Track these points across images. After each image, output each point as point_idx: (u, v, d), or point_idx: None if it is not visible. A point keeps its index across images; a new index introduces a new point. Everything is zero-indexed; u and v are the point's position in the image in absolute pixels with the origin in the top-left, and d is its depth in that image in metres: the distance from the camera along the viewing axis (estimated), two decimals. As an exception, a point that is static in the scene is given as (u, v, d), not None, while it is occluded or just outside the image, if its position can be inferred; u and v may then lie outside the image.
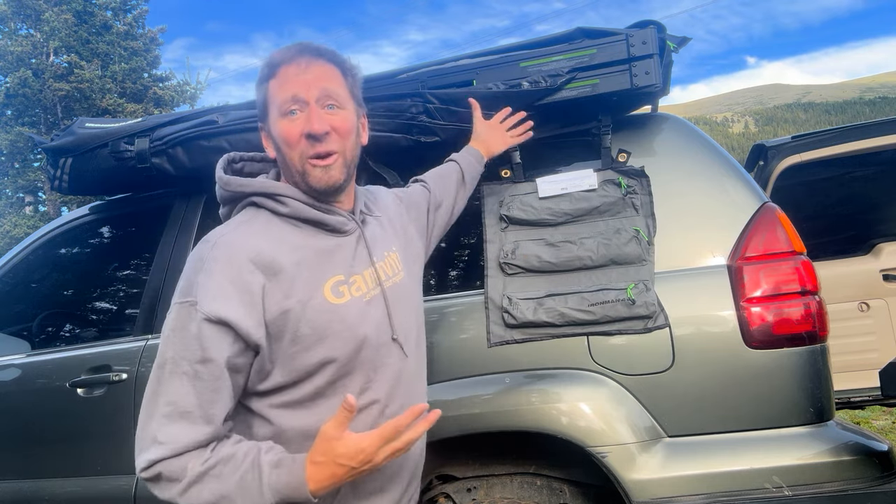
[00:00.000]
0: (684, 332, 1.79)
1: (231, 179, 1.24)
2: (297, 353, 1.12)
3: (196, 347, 1.06)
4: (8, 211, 17.97)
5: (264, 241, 1.14)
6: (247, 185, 1.22)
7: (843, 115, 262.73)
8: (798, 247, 1.81)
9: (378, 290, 1.24)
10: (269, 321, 1.10)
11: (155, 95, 18.34)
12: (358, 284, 1.20)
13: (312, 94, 1.16)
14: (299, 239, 1.19)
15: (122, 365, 2.26)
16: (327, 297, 1.15)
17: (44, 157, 2.63)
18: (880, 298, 3.57)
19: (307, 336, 1.11)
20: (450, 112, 1.96)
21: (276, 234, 1.17)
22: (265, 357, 1.11)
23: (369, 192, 1.47)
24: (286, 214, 1.20)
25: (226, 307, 1.06)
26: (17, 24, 18.03)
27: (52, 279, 2.84)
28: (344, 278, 1.19)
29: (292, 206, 1.19)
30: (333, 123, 1.17)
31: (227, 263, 1.09)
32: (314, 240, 1.20)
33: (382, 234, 1.35)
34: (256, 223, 1.19)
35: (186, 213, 2.42)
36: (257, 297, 1.08)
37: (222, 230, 1.17)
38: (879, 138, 3.55)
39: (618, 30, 1.92)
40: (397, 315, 1.26)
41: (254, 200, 1.22)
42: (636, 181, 1.93)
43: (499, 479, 1.93)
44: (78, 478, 2.31)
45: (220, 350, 1.07)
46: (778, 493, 1.65)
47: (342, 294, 1.17)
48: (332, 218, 1.22)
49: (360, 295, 1.20)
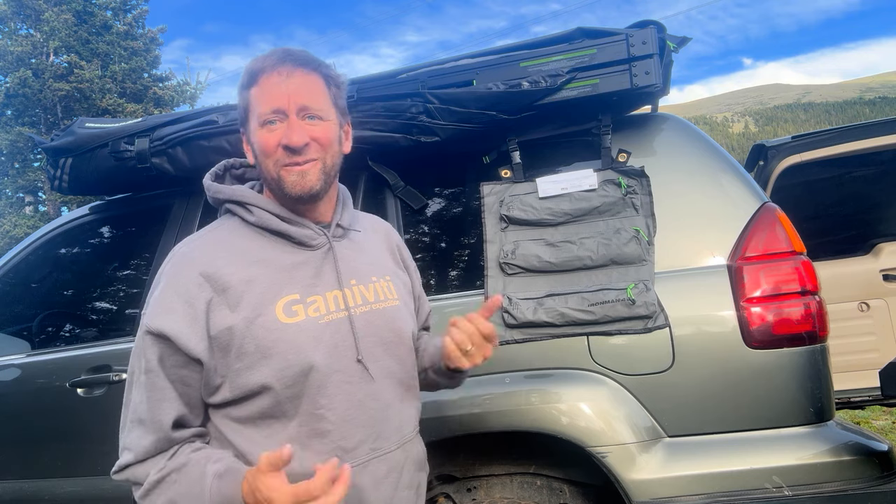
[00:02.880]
0: (684, 332, 1.79)
1: (210, 185, 1.24)
2: (241, 371, 1.09)
3: (142, 358, 1.11)
4: (8, 211, 17.96)
5: (222, 253, 1.14)
6: (220, 191, 1.23)
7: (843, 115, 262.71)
8: (798, 247, 1.81)
9: (344, 314, 1.17)
10: (213, 335, 1.09)
11: (155, 95, 18.32)
12: (317, 305, 1.15)
13: (293, 105, 1.13)
14: (262, 251, 1.17)
15: (122, 365, 2.26)
16: (277, 316, 1.11)
17: (44, 157, 2.63)
18: (880, 298, 3.57)
19: (251, 353, 1.09)
20: (450, 112, 1.96)
21: (237, 245, 1.16)
22: (211, 370, 1.10)
23: (364, 216, 1.42)
24: (253, 223, 1.18)
25: (167, 321, 1.08)
26: (17, 24, 18.01)
27: (52, 279, 2.84)
28: (299, 297, 1.14)
29: (258, 215, 1.17)
30: (313, 134, 1.14)
31: (178, 277, 1.11)
32: (278, 252, 1.17)
33: (361, 257, 1.28)
34: (221, 232, 1.19)
35: (186, 213, 2.42)
36: (201, 311, 1.08)
37: (185, 241, 1.20)
38: (879, 138, 3.55)
39: (618, 30, 1.92)
40: (371, 337, 1.20)
41: (228, 208, 1.22)
42: (636, 181, 1.93)
43: (499, 479, 1.93)
44: (78, 478, 2.31)
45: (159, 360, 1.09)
46: (778, 493, 1.65)
47: (295, 313, 1.12)
48: (297, 230, 1.18)
49: (316, 316, 1.14)
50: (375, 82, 2.11)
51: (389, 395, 1.22)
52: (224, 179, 1.32)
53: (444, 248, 2.16)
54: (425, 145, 2.01)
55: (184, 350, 1.08)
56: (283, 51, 1.16)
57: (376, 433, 1.18)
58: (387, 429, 1.20)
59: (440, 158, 2.13)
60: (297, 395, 1.12)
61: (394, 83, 2.07)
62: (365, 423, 1.17)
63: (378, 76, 2.17)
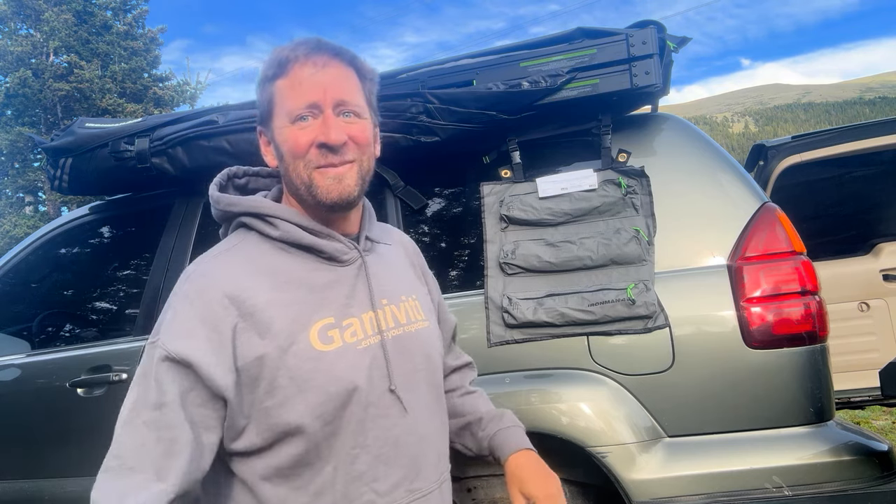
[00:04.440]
0: (684, 332, 1.79)
1: (221, 197, 1.09)
2: (271, 409, 0.95)
3: (153, 390, 0.92)
4: (8, 211, 17.95)
5: (244, 273, 0.99)
6: (236, 203, 1.07)
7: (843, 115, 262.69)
8: (798, 247, 1.81)
9: (377, 339, 1.04)
10: (240, 367, 0.94)
11: (155, 95, 18.32)
12: (353, 329, 1.02)
13: (329, 99, 1.00)
14: (289, 269, 1.03)
15: (122, 365, 2.26)
16: (312, 343, 0.97)
17: (44, 157, 2.63)
18: (880, 298, 3.57)
19: (284, 388, 0.95)
20: (450, 112, 1.96)
21: (261, 264, 1.02)
22: (236, 410, 0.96)
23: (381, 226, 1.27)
24: (277, 238, 1.04)
25: (190, 346, 0.92)
26: (17, 24, 18.00)
27: (52, 279, 2.84)
28: (335, 321, 1.01)
29: (283, 228, 1.03)
30: (351, 132, 1.02)
31: (198, 298, 0.96)
32: (307, 271, 1.03)
33: (390, 274, 1.15)
34: (241, 250, 1.04)
35: (186, 214, 2.42)
36: (227, 337, 0.94)
37: (201, 260, 1.04)
38: (879, 138, 3.55)
39: (618, 30, 1.92)
40: (405, 364, 1.07)
41: (243, 221, 1.07)
42: (636, 181, 1.93)
43: (499, 479, 1.93)
44: (78, 478, 2.31)
45: (180, 394, 0.92)
46: (778, 493, 1.65)
47: (331, 339, 0.99)
48: (327, 244, 1.04)
49: (353, 341, 1.01)
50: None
51: (425, 426, 1.09)
52: (227, 189, 1.16)
53: (444, 248, 2.16)
54: (425, 145, 2.01)
55: (208, 382, 0.92)
56: (316, 39, 1.04)
57: (415, 472, 1.05)
58: (425, 466, 1.07)
59: (440, 158, 2.13)
60: (334, 433, 0.98)
61: (394, 83, 2.07)
62: (401, 462, 1.03)
63: (378, 76, 2.17)
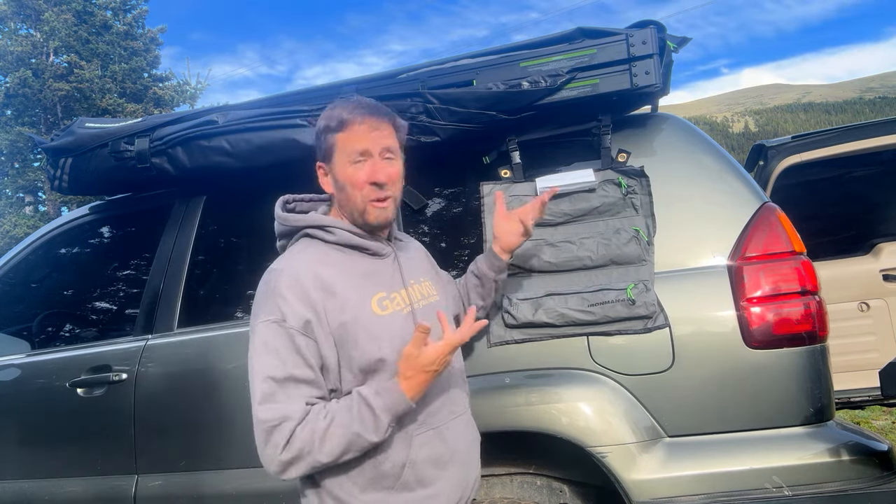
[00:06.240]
0: (684, 332, 1.79)
1: (289, 216, 1.49)
2: (357, 357, 1.34)
3: (293, 354, 1.30)
4: (8, 211, 17.96)
5: (320, 266, 1.38)
6: (302, 220, 1.48)
7: (843, 115, 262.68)
8: (798, 247, 1.81)
9: (410, 308, 1.46)
10: (332, 332, 1.34)
11: (155, 95, 18.33)
12: (398, 300, 1.45)
13: (377, 147, 1.42)
14: (346, 262, 1.43)
15: (122, 365, 2.26)
16: (374, 310, 1.39)
17: (44, 157, 2.63)
18: (880, 298, 3.57)
19: (364, 341, 1.34)
20: (450, 112, 1.96)
21: (328, 260, 1.41)
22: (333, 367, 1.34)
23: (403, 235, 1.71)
24: (333, 241, 1.44)
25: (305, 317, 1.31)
26: (17, 24, 18.01)
27: (52, 279, 2.84)
28: (385, 294, 1.43)
29: (339, 234, 1.44)
30: (390, 172, 1.43)
31: (296, 285, 1.33)
32: (358, 262, 1.45)
33: (412, 263, 1.58)
34: (311, 251, 1.43)
35: (186, 214, 2.42)
36: (321, 312, 1.33)
37: (281, 260, 1.42)
38: (879, 138, 3.55)
39: (618, 30, 1.92)
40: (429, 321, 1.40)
41: (308, 232, 1.47)
42: (636, 181, 1.93)
43: (499, 479, 1.93)
44: (78, 478, 2.32)
45: (310, 354, 1.31)
46: (778, 493, 1.65)
47: (385, 307, 1.41)
48: (372, 243, 1.47)
49: (399, 309, 1.44)
50: (375, 82, 2.11)
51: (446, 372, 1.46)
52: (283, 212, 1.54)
53: (444, 248, 2.16)
54: (425, 145, 2.01)
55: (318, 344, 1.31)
56: (366, 104, 1.45)
57: (450, 399, 1.47)
58: (455, 394, 1.50)
59: (440, 158, 2.13)
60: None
61: (394, 83, 2.07)
62: (442, 388, 1.45)
63: (378, 76, 2.17)
